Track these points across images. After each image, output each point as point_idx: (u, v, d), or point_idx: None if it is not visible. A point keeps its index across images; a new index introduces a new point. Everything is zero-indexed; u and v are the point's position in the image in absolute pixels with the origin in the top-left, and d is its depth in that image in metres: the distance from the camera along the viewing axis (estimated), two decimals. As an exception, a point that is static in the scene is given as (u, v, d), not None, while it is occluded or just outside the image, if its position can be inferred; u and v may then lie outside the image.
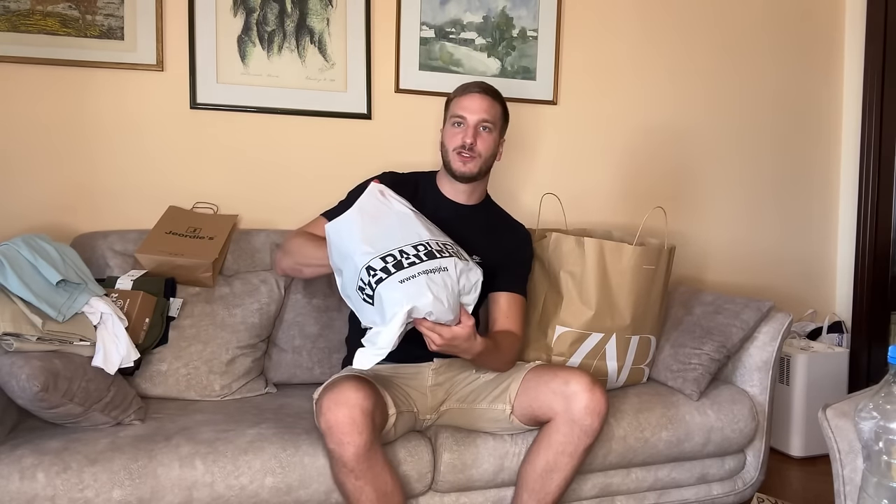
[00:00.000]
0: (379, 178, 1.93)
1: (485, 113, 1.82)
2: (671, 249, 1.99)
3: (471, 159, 1.82)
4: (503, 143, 1.91)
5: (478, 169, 1.84)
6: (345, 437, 1.44)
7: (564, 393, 1.59)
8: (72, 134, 2.11)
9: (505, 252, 1.86)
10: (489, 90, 1.86)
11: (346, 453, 1.45)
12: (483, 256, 1.76)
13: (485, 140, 1.82)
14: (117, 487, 1.46)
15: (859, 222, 2.89)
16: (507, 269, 1.84)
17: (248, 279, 2.03)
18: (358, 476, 1.49)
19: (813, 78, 2.90)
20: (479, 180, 1.88)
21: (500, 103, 1.87)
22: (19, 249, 1.64)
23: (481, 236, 1.85)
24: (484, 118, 1.82)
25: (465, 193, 1.88)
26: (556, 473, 1.63)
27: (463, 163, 1.82)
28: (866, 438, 1.17)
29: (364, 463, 1.47)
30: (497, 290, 1.82)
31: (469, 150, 1.80)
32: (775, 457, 2.51)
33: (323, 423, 1.47)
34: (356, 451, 1.45)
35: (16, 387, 1.47)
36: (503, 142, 1.91)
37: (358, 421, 1.45)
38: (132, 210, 2.15)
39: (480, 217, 1.90)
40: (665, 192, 2.70)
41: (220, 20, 2.19)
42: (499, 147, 1.89)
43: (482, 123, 1.81)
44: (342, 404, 1.45)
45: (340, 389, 1.48)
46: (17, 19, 2.02)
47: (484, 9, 2.44)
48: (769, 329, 2.03)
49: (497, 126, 1.86)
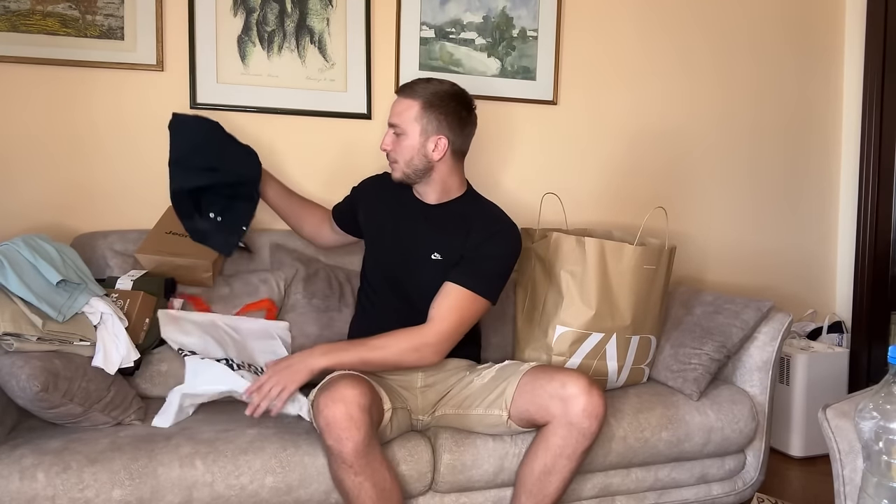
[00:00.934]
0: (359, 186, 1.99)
1: (394, 116, 1.77)
2: (672, 249, 1.99)
3: (393, 164, 1.81)
4: (439, 141, 1.75)
5: (401, 174, 1.80)
6: (343, 432, 1.45)
7: (562, 396, 1.59)
8: (72, 134, 2.11)
9: (469, 248, 1.76)
10: (409, 90, 1.76)
11: (344, 449, 1.46)
12: (443, 254, 1.77)
13: (398, 143, 1.77)
14: (117, 487, 1.46)
15: (859, 222, 2.89)
16: (464, 263, 1.75)
17: (248, 279, 2.03)
18: (357, 472, 1.49)
19: (813, 78, 2.90)
20: (421, 180, 1.81)
21: (421, 101, 1.74)
22: (19, 249, 1.64)
23: (445, 234, 1.79)
24: (392, 122, 1.78)
25: (422, 191, 1.85)
26: (555, 476, 1.62)
27: (390, 169, 1.84)
28: (866, 438, 1.17)
29: (363, 459, 1.48)
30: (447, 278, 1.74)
31: (388, 156, 1.81)
32: (775, 457, 2.52)
33: (321, 421, 1.47)
34: (355, 447, 1.46)
35: (16, 387, 1.47)
36: (438, 140, 1.75)
37: (356, 417, 1.45)
38: (132, 210, 2.15)
39: (444, 215, 1.82)
40: (665, 192, 2.71)
41: (220, 20, 2.19)
42: (426, 148, 1.75)
43: (392, 129, 1.78)
44: (339, 401, 1.46)
45: (337, 387, 1.49)
46: (17, 19, 2.02)
47: (484, 9, 2.44)
48: (769, 329, 2.03)
49: (411, 128, 1.74)
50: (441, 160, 1.78)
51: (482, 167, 2.40)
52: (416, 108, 1.75)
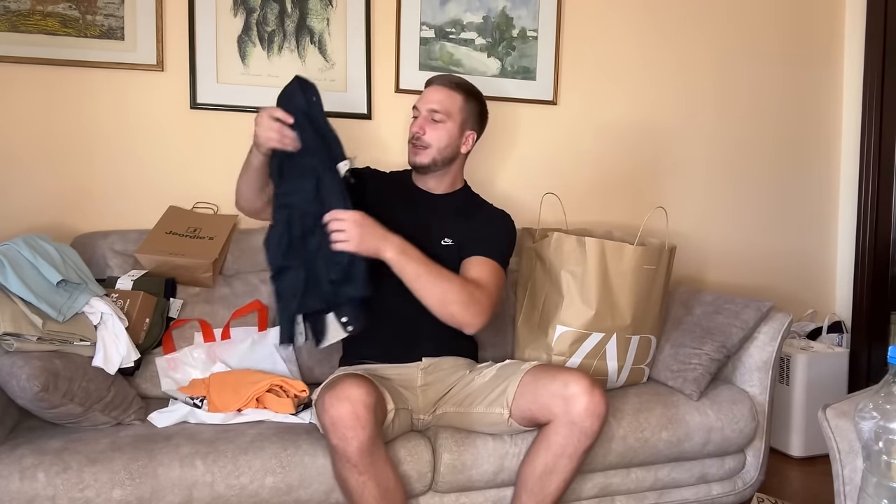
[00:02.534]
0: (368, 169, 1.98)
1: (435, 103, 1.82)
2: (672, 249, 1.99)
3: (422, 149, 1.84)
4: (470, 136, 1.89)
5: (429, 160, 1.84)
6: (348, 431, 1.45)
7: (563, 395, 1.58)
8: (72, 134, 2.11)
9: (476, 228, 1.86)
10: (448, 81, 1.84)
11: (349, 448, 1.46)
12: (455, 238, 1.83)
13: (436, 130, 1.82)
14: (117, 487, 1.46)
15: (859, 222, 2.89)
16: (477, 240, 1.83)
17: (248, 279, 2.03)
18: (361, 471, 1.49)
19: (813, 78, 2.90)
20: (439, 171, 1.88)
21: (463, 94, 1.85)
22: (19, 249, 1.64)
23: (453, 220, 1.87)
24: (433, 108, 1.82)
25: (433, 183, 1.91)
26: (556, 475, 1.62)
27: (415, 153, 1.86)
28: (866, 438, 1.17)
29: (367, 458, 1.48)
30: (464, 258, 1.81)
31: (419, 140, 1.83)
32: (775, 457, 2.52)
33: (326, 420, 1.47)
34: (360, 446, 1.46)
35: (16, 387, 1.47)
36: (470, 135, 1.89)
37: (361, 416, 1.45)
38: (132, 210, 2.15)
39: (452, 204, 1.92)
40: (665, 191, 2.71)
41: (220, 20, 2.19)
42: (460, 140, 1.86)
43: (432, 114, 1.82)
44: (344, 399, 1.45)
45: (342, 386, 1.48)
46: (17, 19, 2.02)
47: (484, 9, 2.44)
48: (769, 329, 2.03)
49: (453, 117, 1.83)
50: (465, 154, 1.90)
51: (482, 167, 2.40)
52: (459, 99, 1.84)
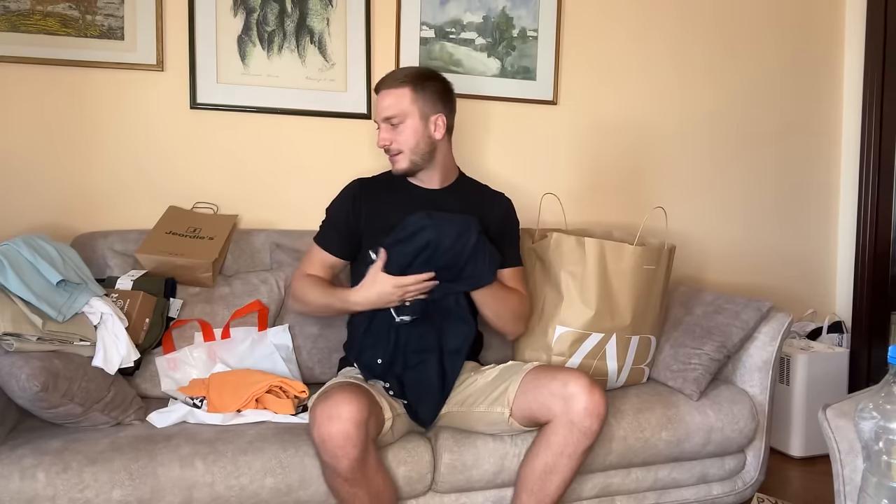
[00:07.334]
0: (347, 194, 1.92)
1: (386, 109, 1.81)
2: (671, 249, 1.99)
3: (397, 156, 1.83)
4: (437, 119, 1.82)
5: (408, 163, 1.83)
6: (339, 450, 1.43)
7: (563, 395, 1.59)
8: (72, 134, 2.11)
9: (492, 224, 1.85)
10: (391, 80, 1.82)
11: (340, 465, 1.45)
12: None
13: (399, 134, 1.81)
14: (117, 487, 1.46)
15: (859, 222, 2.90)
16: (501, 244, 1.84)
17: (248, 279, 2.03)
18: (352, 484, 1.49)
19: (813, 78, 2.90)
20: (426, 165, 1.86)
21: (409, 86, 1.79)
22: (19, 249, 1.64)
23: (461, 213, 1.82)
24: (386, 115, 1.81)
25: (429, 179, 1.89)
26: (556, 475, 1.62)
27: (393, 163, 1.86)
28: (866, 438, 1.17)
29: (358, 472, 1.47)
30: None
31: (388, 150, 1.83)
32: (775, 457, 2.52)
33: (316, 437, 1.46)
34: (350, 464, 1.45)
35: (16, 387, 1.47)
36: (437, 118, 1.82)
37: (352, 434, 1.43)
38: (132, 210, 2.15)
39: (456, 196, 1.90)
40: (665, 191, 2.71)
41: (220, 20, 2.19)
42: (429, 129, 1.81)
43: (388, 121, 1.81)
44: (335, 418, 1.43)
45: (334, 402, 1.46)
46: (17, 19, 2.02)
47: (484, 9, 2.44)
48: (769, 329, 2.03)
49: (409, 113, 1.79)
50: (442, 139, 1.85)
51: (482, 167, 2.40)
52: (407, 95, 1.80)
